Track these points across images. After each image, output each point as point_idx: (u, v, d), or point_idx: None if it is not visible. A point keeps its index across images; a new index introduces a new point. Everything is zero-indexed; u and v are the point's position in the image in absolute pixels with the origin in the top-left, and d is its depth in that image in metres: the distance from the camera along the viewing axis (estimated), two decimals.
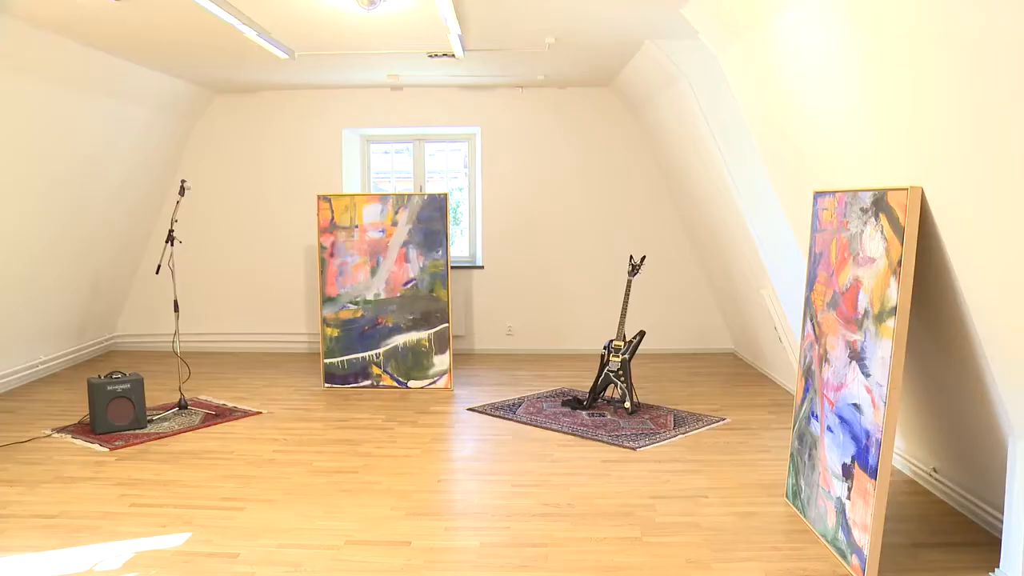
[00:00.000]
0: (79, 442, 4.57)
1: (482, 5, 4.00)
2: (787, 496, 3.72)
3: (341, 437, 4.65)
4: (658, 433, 4.63)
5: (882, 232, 2.98)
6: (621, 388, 5.03)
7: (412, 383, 5.59)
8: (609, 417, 4.93)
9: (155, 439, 4.61)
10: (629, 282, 5.13)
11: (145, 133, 6.20)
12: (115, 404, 4.73)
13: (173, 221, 4.92)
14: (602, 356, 5.12)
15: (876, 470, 2.89)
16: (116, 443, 4.53)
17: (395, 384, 5.61)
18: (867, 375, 3.03)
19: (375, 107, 6.76)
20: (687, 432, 4.66)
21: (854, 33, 2.84)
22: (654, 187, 6.78)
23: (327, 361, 5.64)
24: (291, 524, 3.45)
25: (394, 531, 3.38)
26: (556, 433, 4.69)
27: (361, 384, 5.64)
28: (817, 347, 3.52)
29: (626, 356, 5.03)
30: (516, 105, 6.73)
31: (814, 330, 3.56)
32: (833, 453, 3.26)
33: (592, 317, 6.86)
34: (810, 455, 3.51)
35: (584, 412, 5.02)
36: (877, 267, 3.00)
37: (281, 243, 6.90)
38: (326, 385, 5.68)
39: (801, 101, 3.52)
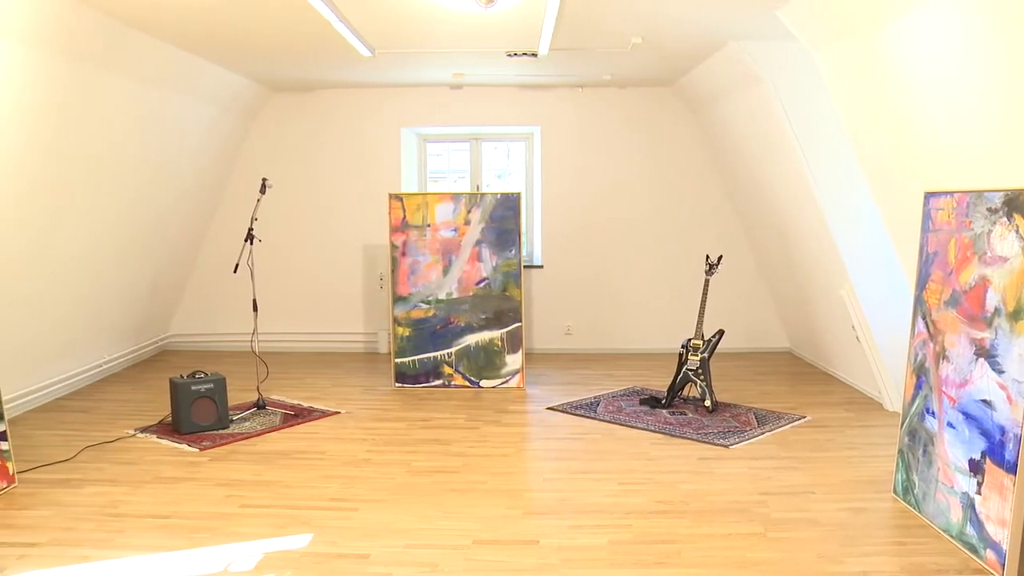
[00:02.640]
0: (165, 442, 4.55)
1: (579, 4, 4.01)
2: (895, 491, 3.76)
3: (429, 437, 4.66)
4: (744, 431, 4.66)
5: (1017, 231, 3.01)
6: (701, 386, 5.06)
7: (484, 382, 5.60)
8: (691, 415, 4.95)
9: (241, 439, 4.60)
10: (707, 281, 5.16)
11: (209, 132, 6.19)
12: (199, 404, 4.71)
13: (253, 219, 4.91)
14: (680, 355, 5.15)
15: (1015, 465, 2.93)
16: (204, 443, 4.51)
17: (467, 383, 5.61)
18: (1000, 372, 3.06)
19: (433, 106, 6.76)
20: (772, 430, 4.69)
21: (984, 35, 2.87)
22: (712, 187, 6.81)
23: (398, 360, 5.63)
24: (411, 524, 3.45)
25: (518, 530, 3.39)
26: (643, 431, 4.71)
27: (432, 384, 5.63)
28: (932, 345, 3.55)
29: (705, 355, 5.06)
30: (575, 104, 6.75)
31: (927, 328, 3.59)
32: (957, 449, 3.30)
33: (650, 317, 6.89)
34: (925, 451, 3.55)
35: (665, 411, 5.05)
36: (1011, 266, 3.04)
37: (338, 242, 6.89)
38: (396, 385, 5.67)
39: (913, 102, 3.55)
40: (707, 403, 5.00)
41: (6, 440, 3.92)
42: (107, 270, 5.62)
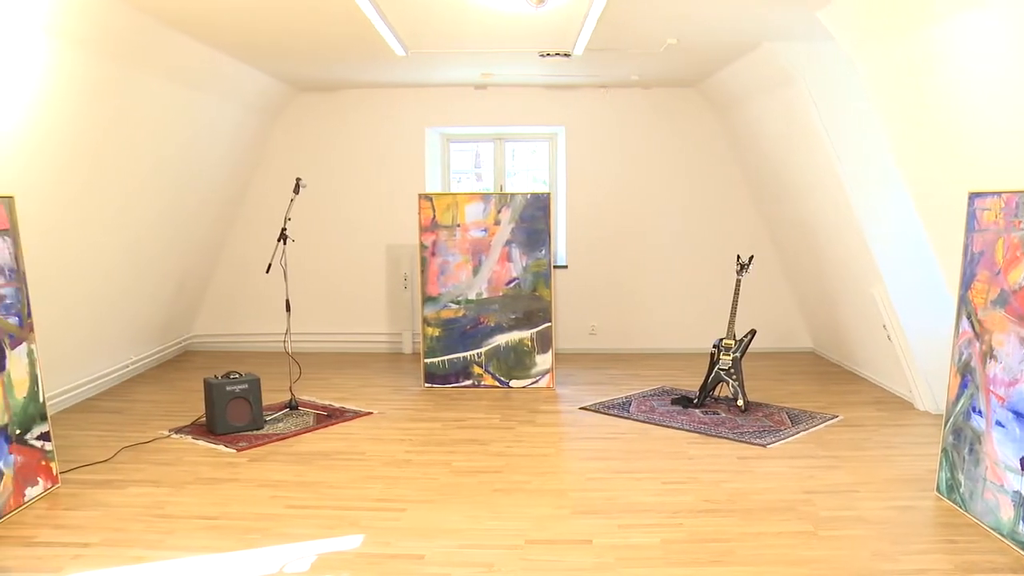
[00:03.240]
0: (202, 443, 4.54)
1: (621, 4, 4.02)
2: (938, 490, 3.78)
3: (466, 437, 4.66)
4: (779, 430, 4.67)
5: None
6: (733, 386, 5.07)
7: (514, 382, 5.60)
8: (724, 415, 4.96)
9: (276, 440, 4.59)
10: (738, 281, 5.17)
11: (234, 131, 6.19)
12: (234, 405, 4.70)
13: (286, 219, 4.90)
14: (712, 355, 5.16)
15: None
16: (240, 444, 4.51)
17: (496, 383, 5.62)
18: None
19: (457, 106, 6.77)
20: (807, 429, 4.71)
21: None
22: (736, 187, 6.83)
23: (427, 361, 5.64)
24: (461, 525, 3.45)
25: (569, 530, 3.40)
26: (679, 431, 4.72)
27: (462, 384, 5.64)
28: (978, 344, 3.57)
29: (737, 355, 5.08)
30: (599, 104, 6.76)
31: (972, 327, 3.61)
32: (1007, 447, 3.31)
33: (674, 317, 6.91)
34: (971, 449, 3.56)
35: (697, 410, 5.07)
36: None
37: (362, 242, 6.88)
38: (426, 385, 5.68)
39: (957, 104, 3.57)
40: (739, 403, 5.02)
41: (49, 440, 3.92)
42: (137, 271, 5.61)
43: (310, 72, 5.95)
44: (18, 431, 3.71)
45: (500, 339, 5.58)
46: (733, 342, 5.09)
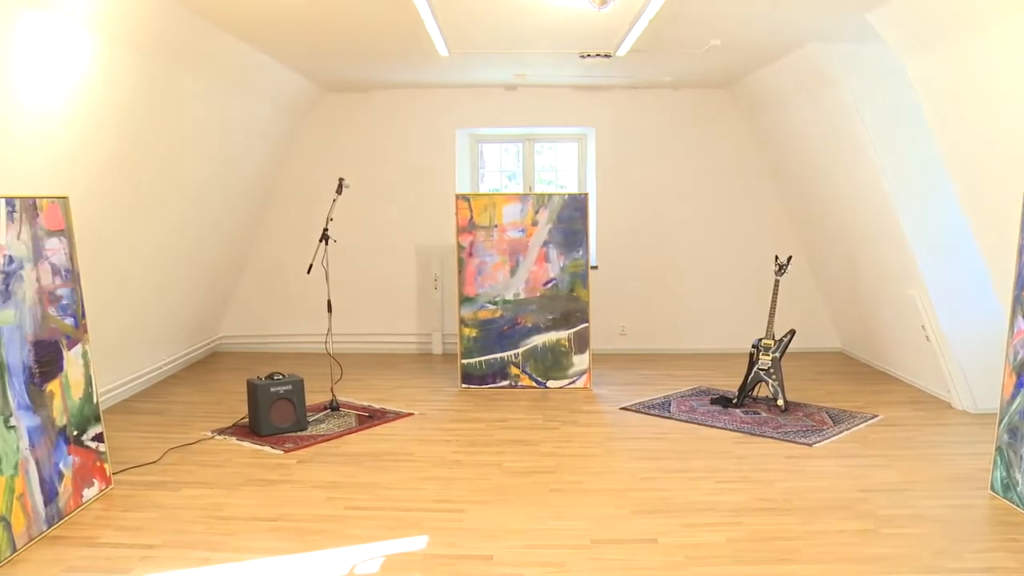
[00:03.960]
0: (247, 444, 4.54)
1: (672, 5, 4.02)
2: (993, 489, 3.80)
3: (512, 437, 4.67)
4: (822, 430, 4.69)
5: None
6: (773, 386, 5.09)
7: (551, 383, 5.61)
8: (765, 415, 4.98)
9: (321, 441, 4.58)
10: (777, 282, 5.19)
11: (265, 131, 6.20)
12: (278, 406, 4.69)
13: (328, 220, 4.89)
14: (751, 355, 5.18)
15: None
16: (287, 445, 4.50)
17: (533, 384, 5.62)
18: None
19: (487, 107, 6.78)
20: (849, 428, 4.73)
21: None
22: (764, 188, 6.86)
23: (464, 361, 5.64)
24: (524, 525, 3.46)
25: (633, 529, 3.41)
26: (723, 431, 4.74)
27: (499, 384, 5.64)
28: None
29: (777, 355, 5.09)
30: (629, 105, 6.78)
31: None
32: None
33: (705, 317, 6.92)
34: None
35: (738, 410, 5.08)
36: None
37: (391, 243, 6.88)
38: (463, 385, 5.68)
39: (1015, 105, 3.58)
40: (780, 402, 5.03)
41: (103, 441, 3.91)
42: (171, 271, 5.60)
43: (343, 72, 5.95)
44: (75, 432, 3.70)
45: (537, 339, 5.59)
46: (772, 342, 5.12)
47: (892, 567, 3.04)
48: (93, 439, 3.84)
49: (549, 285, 5.58)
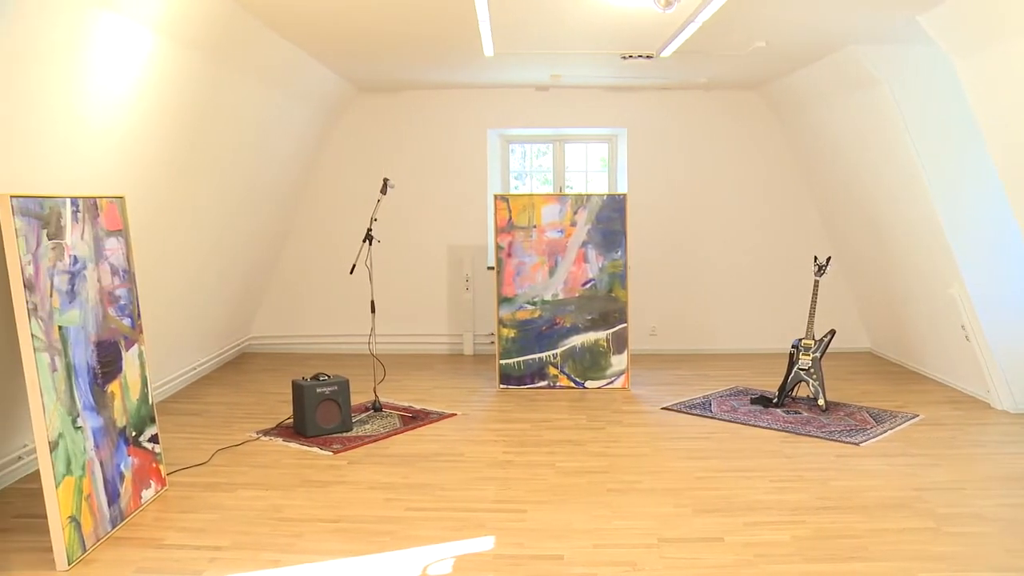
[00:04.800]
0: (294, 445, 4.52)
1: (730, 6, 4.03)
2: None
3: (560, 438, 4.67)
4: (866, 429, 4.71)
5: None
6: (813, 386, 5.10)
7: (589, 383, 5.61)
8: (806, 414, 5.00)
9: (368, 442, 4.57)
10: (816, 282, 5.21)
11: (301, 130, 6.21)
12: (323, 407, 4.68)
13: (372, 220, 4.88)
14: (791, 355, 5.20)
15: None
16: (334, 446, 4.50)
17: (572, 384, 5.63)
18: None
19: (519, 107, 6.79)
20: (892, 428, 4.75)
21: None
22: (795, 188, 6.88)
23: (503, 362, 5.64)
24: (588, 524, 3.46)
25: (697, 528, 3.41)
26: (767, 430, 4.75)
27: (538, 385, 5.65)
28: None
29: (817, 355, 5.11)
30: (660, 106, 6.79)
31: None
32: None
33: (736, 317, 6.93)
34: None
35: (779, 410, 5.10)
36: None
37: (423, 243, 6.87)
38: (501, 386, 5.68)
39: None
40: (820, 402, 5.05)
41: (158, 442, 3.89)
42: (212, 272, 5.61)
43: (379, 72, 5.95)
44: (134, 433, 3.69)
45: (575, 340, 5.59)
46: (812, 342, 5.14)
47: (964, 565, 3.05)
48: (149, 440, 3.83)
49: (588, 285, 5.59)
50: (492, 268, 6.27)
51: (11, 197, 3.00)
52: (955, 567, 3.04)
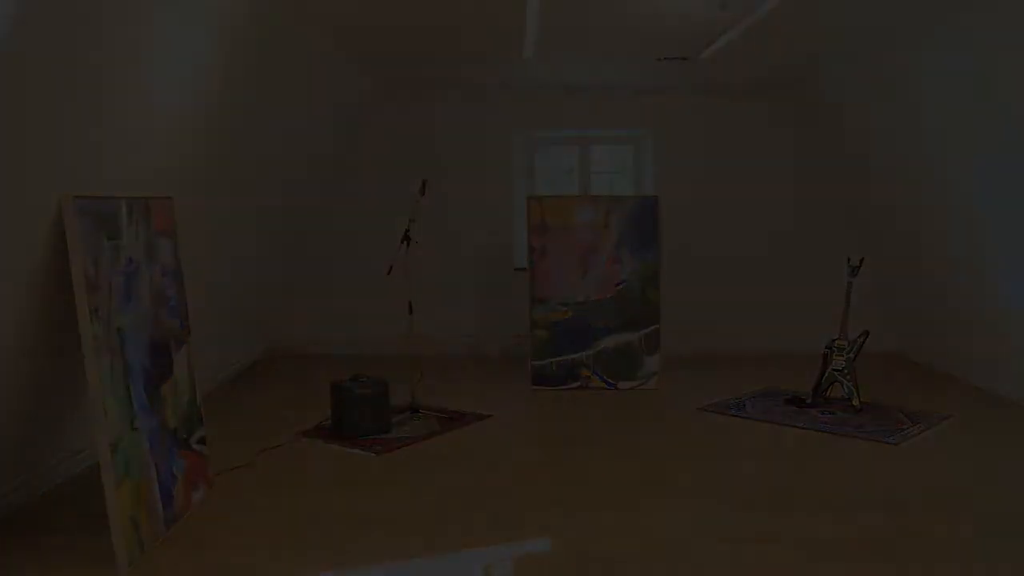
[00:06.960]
0: (335, 446, 4.50)
1: (787, 7, 4.05)
2: None
3: (601, 438, 4.67)
4: (903, 429, 4.72)
5: None
6: (847, 386, 5.12)
7: (621, 384, 5.62)
8: (842, 415, 5.01)
9: (409, 444, 4.55)
10: (849, 284, 5.22)
11: (331, 132, 6.16)
12: (363, 408, 4.66)
13: (410, 221, 4.88)
14: (824, 355, 5.21)
15: None
16: (376, 447, 4.48)
17: (604, 385, 5.63)
18: None
19: (545, 109, 6.77)
20: (930, 427, 4.76)
21: None
22: (823, 190, 6.87)
23: (535, 363, 5.64)
24: (643, 523, 3.43)
25: (755, 526, 3.38)
26: (805, 430, 4.75)
27: (570, 386, 5.64)
28: None
29: (851, 356, 5.13)
30: (687, 108, 6.79)
31: None
32: None
33: (759, 319, 6.91)
34: None
35: (814, 410, 5.11)
36: None
37: (447, 244, 6.80)
38: (533, 387, 5.67)
39: None
40: (855, 402, 5.07)
41: (205, 444, 3.87)
42: (246, 273, 5.58)
43: (409, 72, 5.94)
44: (184, 435, 3.67)
45: (608, 341, 5.59)
46: (846, 343, 5.16)
47: (1016, 564, 3.06)
48: (198, 442, 3.81)
49: (620, 287, 5.60)
50: (522, 269, 6.27)
51: (74, 197, 3.01)
52: (1007, 568, 3.05)
